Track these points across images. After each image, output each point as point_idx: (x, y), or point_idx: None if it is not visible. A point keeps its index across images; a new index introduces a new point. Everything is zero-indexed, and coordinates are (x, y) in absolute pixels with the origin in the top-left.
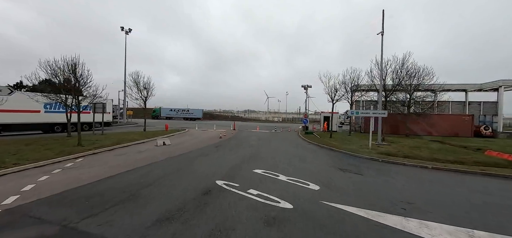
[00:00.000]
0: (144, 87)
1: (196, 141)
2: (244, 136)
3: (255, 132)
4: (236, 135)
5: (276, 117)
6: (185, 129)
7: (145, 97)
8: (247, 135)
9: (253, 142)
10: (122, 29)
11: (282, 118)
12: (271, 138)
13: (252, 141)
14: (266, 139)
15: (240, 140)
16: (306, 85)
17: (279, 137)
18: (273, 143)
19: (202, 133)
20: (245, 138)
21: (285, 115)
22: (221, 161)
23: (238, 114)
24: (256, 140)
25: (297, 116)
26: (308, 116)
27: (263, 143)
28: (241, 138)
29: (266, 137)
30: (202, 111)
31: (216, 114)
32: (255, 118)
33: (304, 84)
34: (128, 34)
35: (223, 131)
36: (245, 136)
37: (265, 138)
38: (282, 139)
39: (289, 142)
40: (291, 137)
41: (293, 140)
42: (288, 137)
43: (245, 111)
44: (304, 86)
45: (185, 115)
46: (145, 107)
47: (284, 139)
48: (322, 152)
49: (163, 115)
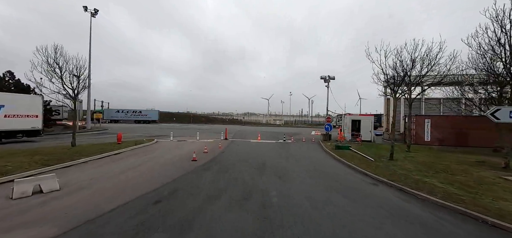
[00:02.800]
0: (72, 74)
1: (145, 169)
2: (236, 156)
3: (255, 143)
4: (224, 151)
5: (277, 120)
6: (154, 140)
7: (74, 89)
8: (241, 153)
9: (251, 172)
10: (86, 9)
11: (284, 121)
12: (283, 160)
13: (250, 168)
14: (276, 165)
15: (226, 167)
16: (327, 77)
17: (295, 156)
18: (292, 178)
19: (171, 150)
20: (238, 162)
21: (289, 118)
22: None
23: (237, 116)
24: (257, 168)
25: (300, 119)
26: (331, 120)
27: (272, 181)
28: (230, 162)
29: (274, 157)
30: (158, 112)
31: (212, 118)
32: (255, 121)
33: (324, 76)
34: (94, 17)
35: (208, 143)
36: (238, 154)
37: (273, 161)
38: (304, 165)
39: (323, 177)
40: (316, 156)
41: (326, 165)
42: (312, 157)
43: (244, 114)
44: (324, 77)
45: (137, 118)
46: (76, 105)
47: (307, 162)
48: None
49: (107, 117)
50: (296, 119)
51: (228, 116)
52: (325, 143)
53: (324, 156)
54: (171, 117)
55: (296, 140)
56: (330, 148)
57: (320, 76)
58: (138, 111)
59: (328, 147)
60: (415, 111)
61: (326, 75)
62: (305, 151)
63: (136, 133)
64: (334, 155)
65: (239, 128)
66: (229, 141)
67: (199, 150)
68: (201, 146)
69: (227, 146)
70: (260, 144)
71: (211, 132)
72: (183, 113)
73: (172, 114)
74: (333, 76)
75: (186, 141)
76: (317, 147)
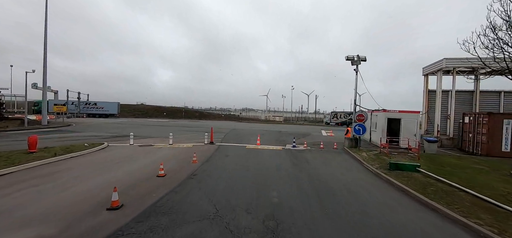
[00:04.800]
0: None
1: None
2: (212, 191)
3: (252, 152)
4: (196, 174)
5: (277, 116)
6: (103, 144)
7: None
8: (227, 179)
9: None
10: None
11: (285, 118)
12: (313, 203)
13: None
14: (304, 228)
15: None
16: (355, 57)
17: (327, 189)
18: None
19: (101, 171)
20: (210, 220)
21: (289, 114)
22: None
23: (236, 112)
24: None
25: (300, 116)
26: (365, 119)
27: None
28: (195, 216)
29: (291, 193)
30: (118, 104)
31: (206, 113)
32: (253, 118)
33: (351, 56)
34: None
35: (178, 152)
36: (219, 183)
37: (293, 211)
38: (361, 225)
39: None
40: (364, 190)
41: (408, 227)
42: (360, 195)
43: (242, 110)
44: (351, 58)
45: (91, 111)
46: None
47: (358, 214)
48: None
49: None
50: (297, 115)
51: (225, 112)
52: (358, 153)
53: (378, 187)
54: (162, 112)
55: (310, 145)
56: (377, 166)
57: (346, 57)
58: (92, 103)
59: (370, 163)
60: (462, 107)
61: (353, 55)
62: (337, 172)
63: (88, 132)
64: (399, 186)
65: (234, 125)
66: (215, 147)
67: (149, 174)
68: (163, 159)
69: (208, 160)
70: (261, 153)
71: (198, 131)
72: (175, 108)
73: (163, 108)
74: (364, 56)
75: (151, 147)
76: (350, 162)
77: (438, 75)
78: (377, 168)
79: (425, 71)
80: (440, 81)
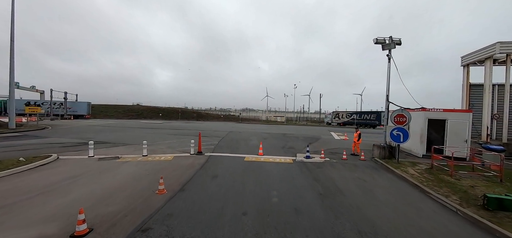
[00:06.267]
0: None
1: None
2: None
3: (253, 166)
4: (149, 230)
5: (278, 116)
6: (51, 156)
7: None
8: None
9: None
10: None
11: (287, 118)
12: None
13: None
14: None
15: None
16: (388, 39)
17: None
18: None
19: (42, 196)
20: None
21: (291, 114)
22: None
23: (236, 112)
24: None
25: (302, 115)
26: (407, 121)
27: None
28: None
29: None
30: (88, 104)
31: (205, 114)
32: (253, 118)
33: (381, 39)
34: None
35: (147, 169)
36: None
37: None
38: None
39: None
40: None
41: None
42: None
43: (242, 110)
44: (381, 41)
45: (59, 112)
46: None
47: None
48: None
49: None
50: (298, 115)
51: (224, 112)
52: (402, 170)
53: None
54: (158, 113)
55: (327, 154)
56: (457, 201)
57: (375, 40)
58: (57, 104)
59: (436, 190)
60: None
61: (385, 38)
62: (398, 216)
63: (55, 137)
64: None
65: (232, 126)
66: (203, 160)
67: (59, 228)
68: (114, 187)
69: (183, 189)
70: (264, 171)
71: (189, 134)
72: (171, 108)
73: (159, 109)
74: (399, 39)
75: (115, 160)
76: (403, 189)
77: (487, 64)
78: (459, 204)
79: (465, 61)
80: (490, 72)
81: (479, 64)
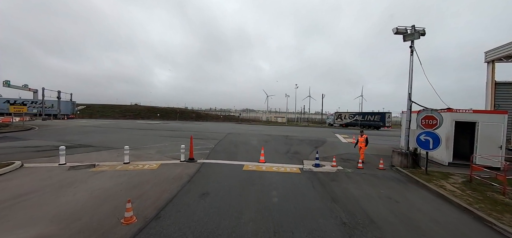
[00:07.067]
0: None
1: None
2: None
3: (253, 178)
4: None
5: (279, 117)
6: (14, 162)
7: None
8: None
9: None
10: None
11: (288, 118)
12: None
13: None
14: None
15: None
16: (411, 28)
17: None
18: None
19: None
20: None
21: (293, 115)
22: None
23: (236, 113)
24: None
25: (303, 116)
26: (438, 124)
27: None
28: None
29: None
30: (73, 104)
31: (204, 114)
32: (254, 119)
33: (402, 28)
34: None
35: (127, 182)
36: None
37: None
38: None
39: None
40: None
41: None
42: None
43: (242, 110)
44: (403, 31)
45: (45, 111)
46: None
47: None
48: None
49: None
50: (299, 116)
51: (224, 112)
52: (435, 184)
53: None
54: (156, 113)
55: (339, 161)
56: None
57: (395, 29)
58: (36, 102)
59: (495, 217)
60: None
61: (406, 27)
62: None
63: (35, 139)
64: None
65: (232, 127)
66: (193, 170)
67: None
68: (70, 212)
69: (158, 215)
70: (268, 184)
71: (184, 136)
72: (169, 108)
73: (157, 109)
74: (423, 29)
75: (89, 170)
76: (450, 214)
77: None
78: None
79: (490, 56)
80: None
81: (506, 61)
